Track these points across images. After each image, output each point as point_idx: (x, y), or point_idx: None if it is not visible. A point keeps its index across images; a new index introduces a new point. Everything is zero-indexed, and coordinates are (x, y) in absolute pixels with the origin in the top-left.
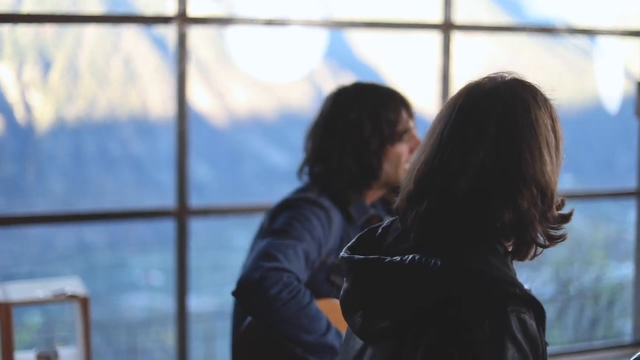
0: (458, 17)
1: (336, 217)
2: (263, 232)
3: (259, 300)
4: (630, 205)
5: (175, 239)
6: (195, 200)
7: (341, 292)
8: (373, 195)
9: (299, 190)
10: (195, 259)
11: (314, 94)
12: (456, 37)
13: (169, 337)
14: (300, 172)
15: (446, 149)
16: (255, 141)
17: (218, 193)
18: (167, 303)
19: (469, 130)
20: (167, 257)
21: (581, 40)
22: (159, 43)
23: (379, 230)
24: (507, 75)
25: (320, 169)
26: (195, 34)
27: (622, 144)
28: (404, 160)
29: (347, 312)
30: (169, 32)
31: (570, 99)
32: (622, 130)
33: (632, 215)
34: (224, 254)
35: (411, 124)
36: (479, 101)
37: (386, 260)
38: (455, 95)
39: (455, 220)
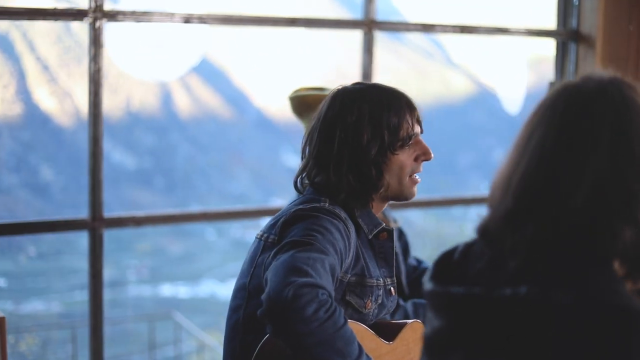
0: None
1: (352, 230)
2: (279, 247)
3: (294, 320)
4: None
5: (89, 250)
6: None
7: (429, 330)
8: (377, 208)
9: (307, 200)
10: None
11: (161, 94)
12: (300, 35)
13: None
14: (298, 180)
15: (552, 160)
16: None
17: (61, 194)
18: None
19: (579, 138)
20: None
21: (424, 42)
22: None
23: (456, 255)
24: (604, 74)
25: (320, 178)
26: (43, 31)
27: (464, 143)
28: (408, 170)
29: (440, 352)
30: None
31: (415, 98)
32: (464, 129)
33: None
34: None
35: (417, 129)
36: (585, 104)
37: (495, 293)
38: (551, 97)
39: (570, 243)
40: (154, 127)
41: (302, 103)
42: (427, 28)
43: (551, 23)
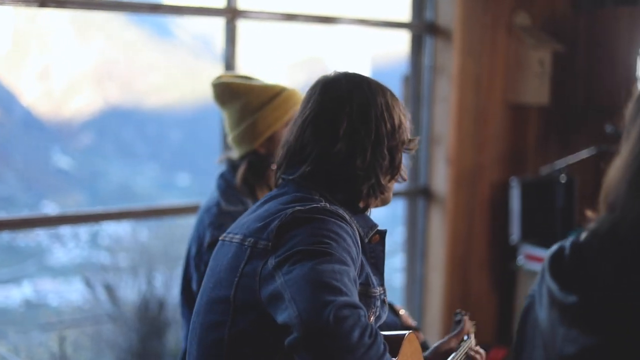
0: None
1: (357, 234)
2: (284, 257)
3: (339, 348)
4: None
5: None
6: None
7: (572, 349)
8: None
9: (299, 199)
10: None
11: None
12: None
13: None
14: (281, 173)
15: None
16: None
17: None
18: None
19: None
20: None
21: (193, 42)
22: None
23: (566, 257)
24: None
25: (315, 172)
26: None
27: None
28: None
29: None
30: None
31: (184, 99)
32: None
33: None
34: None
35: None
36: None
37: None
38: None
39: None
40: None
41: (226, 90)
42: (290, 18)
43: (406, 15)
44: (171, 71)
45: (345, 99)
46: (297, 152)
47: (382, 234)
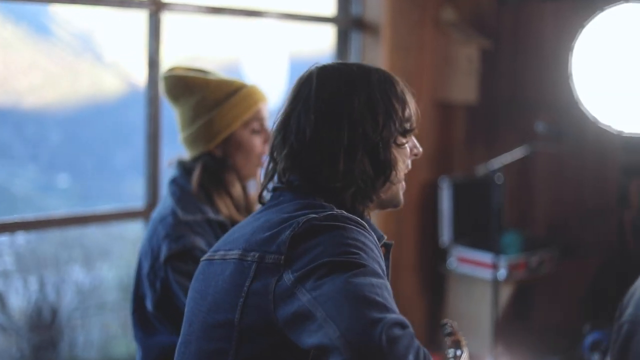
0: None
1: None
2: (306, 270)
3: None
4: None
5: None
6: None
7: None
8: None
9: (307, 206)
10: None
11: None
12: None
13: None
14: (267, 180)
15: None
16: None
17: None
18: None
19: None
20: None
21: (73, 40)
22: None
23: None
24: None
25: (314, 174)
26: None
27: (119, 143)
28: (403, 167)
29: None
30: None
31: (64, 98)
32: (118, 129)
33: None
34: None
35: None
36: None
37: None
38: None
39: None
40: None
41: (179, 84)
42: (216, 11)
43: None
44: (50, 70)
45: (311, 100)
46: (275, 156)
47: (389, 246)
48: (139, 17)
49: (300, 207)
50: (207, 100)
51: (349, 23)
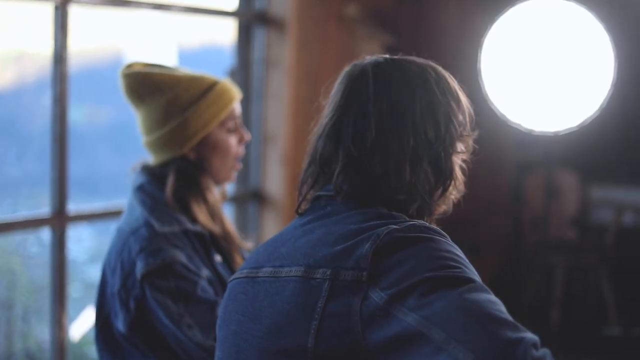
0: None
1: None
2: (406, 287)
3: None
4: None
5: None
6: None
7: None
8: None
9: (378, 216)
10: None
11: None
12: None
13: None
14: (308, 188)
15: None
16: None
17: None
18: None
19: None
20: None
21: None
22: None
23: None
24: None
25: (385, 185)
26: None
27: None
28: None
29: None
30: None
31: None
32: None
33: None
34: None
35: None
36: None
37: None
38: None
39: None
40: None
41: (145, 82)
42: (123, 4)
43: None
44: None
45: (370, 102)
46: (324, 164)
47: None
48: (44, 10)
49: (370, 217)
50: (180, 99)
51: (252, 17)
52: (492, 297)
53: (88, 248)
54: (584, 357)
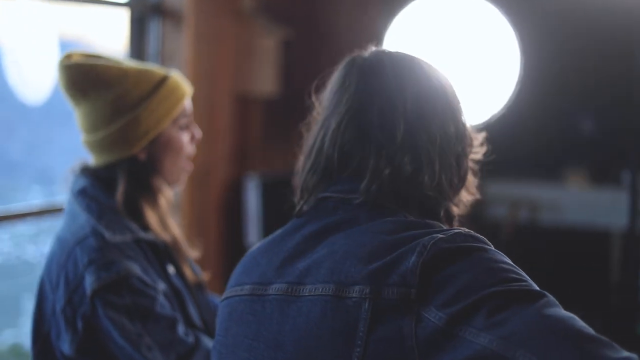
0: None
1: None
2: (469, 303)
3: None
4: None
5: None
6: None
7: None
8: None
9: (415, 225)
10: None
11: None
12: None
13: None
14: (312, 190)
15: None
16: None
17: None
18: None
19: None
20: None
21: None
22: None
23: None
24: None
25: (418, 185)
26: None
27: None
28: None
29: None
30: None
31: None
32: None
33: None
34: None
35: None
36: None
37: None
38: None
39: None
40: None
41: (89, 75)
42: None
43: None
44: None
45: (396, 91)
46: (337, 162)
47: None
48: None
49: (403, 225)
50: (129, 94)
51: (146, 9)
52: (567, 312)
53: None
54: None
